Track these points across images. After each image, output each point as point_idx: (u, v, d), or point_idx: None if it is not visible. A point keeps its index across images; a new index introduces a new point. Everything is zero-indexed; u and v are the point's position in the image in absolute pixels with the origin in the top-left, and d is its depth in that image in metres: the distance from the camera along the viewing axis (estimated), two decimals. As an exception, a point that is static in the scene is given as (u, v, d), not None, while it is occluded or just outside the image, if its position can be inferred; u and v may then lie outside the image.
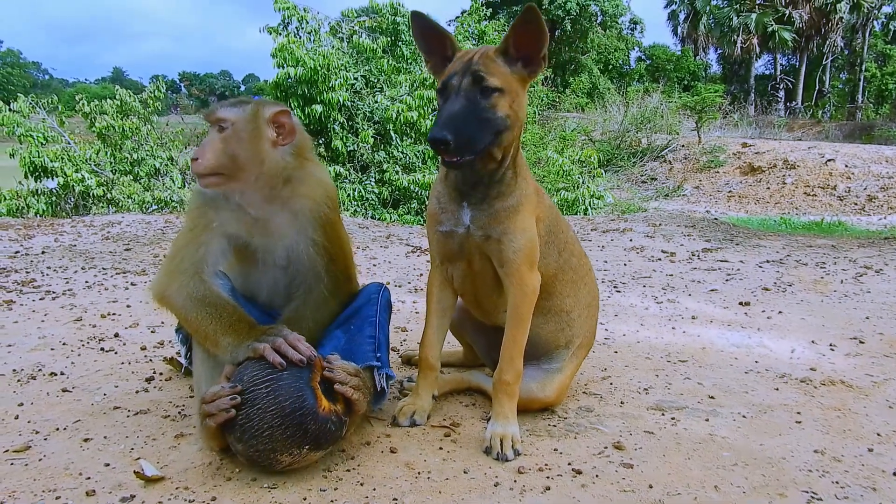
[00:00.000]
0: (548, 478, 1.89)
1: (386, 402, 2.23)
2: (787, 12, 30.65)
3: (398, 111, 9.46)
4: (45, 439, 2.07)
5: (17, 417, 2.22)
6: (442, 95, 1.95)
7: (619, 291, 4.23)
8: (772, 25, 30.64)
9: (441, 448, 2.06)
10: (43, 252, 5.26)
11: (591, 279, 2.42)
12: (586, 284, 2.36)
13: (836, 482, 1.89)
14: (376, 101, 9.95)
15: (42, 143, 10.47)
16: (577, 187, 10.33)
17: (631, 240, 6.30)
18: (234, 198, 2.08)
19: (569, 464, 1.96)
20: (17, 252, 5.26)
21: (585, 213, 9.63)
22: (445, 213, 2.14)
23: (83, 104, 11.07)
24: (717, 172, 16.20)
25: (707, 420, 2.30)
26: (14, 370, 2.66)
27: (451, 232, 2.14)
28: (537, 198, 2.16)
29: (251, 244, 2.12)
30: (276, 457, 1.78)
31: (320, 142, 9.89)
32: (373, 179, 9.74)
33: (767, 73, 39.23)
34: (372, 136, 9.65)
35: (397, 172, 9.46)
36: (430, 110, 9.77)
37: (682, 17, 35.82)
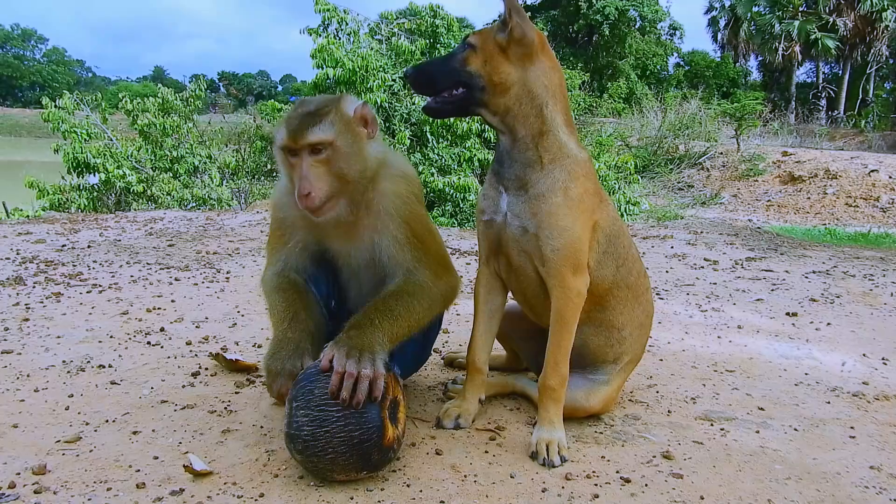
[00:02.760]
0: (596, 485, 1.86)
1: None
2: (831, 20, 30.03)
3: (436, 113, 9.45)
4: (96, 431, 2.10)
5: (67, 409, 2.26)
6: None
7: (661, 299, 4.17)
8: (815, 33, 30.05)
9: (486, 451, 2.05)
10: (89, 246, 5.36)
11: (648, 299, 2.36)
12: (641, 304, 2.30)
13: (894, 500, 1.84)
14: (413, 103, 9.96)
15: (85, 140, 10.67)
16: (613, 193, 10.23)
17: (672, 247, 6.22)
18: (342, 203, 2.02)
19: (617, 472, 1.94)
20: (63, 246, 5.36)
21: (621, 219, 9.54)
22: (487, 199, 2.16)
23: (126, 102, 11.26)
24: (756, 181, 15.92)
25: (758, 432, 2.25)
26: (63, 361, 2.70)
27: (490, 221, 2.13)
28: (598, 202, 2.12)
29: (329, 251, 2.12)
30: (332, 475, 1.78)
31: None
32: (409, 181, 9.77)
33: (809, 81, 38.52)
34: (408, 138, 9.66)
35: (433, 174, 9.43)
36: (467, 113, 9.74)
37: (722, 23, 35.33)
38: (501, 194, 2.10)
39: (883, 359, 3.08)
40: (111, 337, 3.06)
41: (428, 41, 10.98)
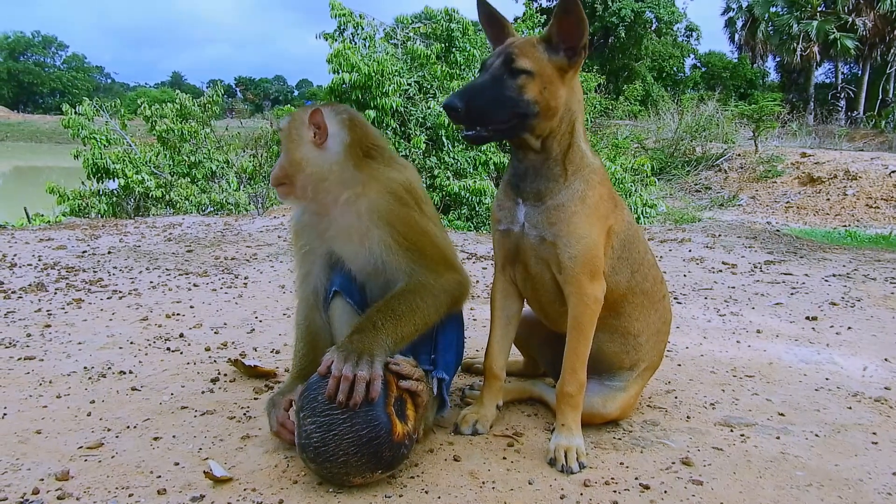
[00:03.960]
0: (615, 492, 1.85)
1: (448, 411, 2.20)
2: (850, 20, 29.74)
3: (451, 117, 9.46)
4: (117, 437, 2.12)
5: (89, 414, 2.28)
6: (479, 74, 2.02)
7: (679, 303, 4.15)
8: (834, 33, 29.75)
9: (504, 458, 2.04)
10: (109, 252, 5.41)
11: (665, 306, 2.34)
12: (657, 311, 2.29)
13: (919, 508, 1.82)
14: (429, 107, 9.97)
15: (105, 145, 10.79)
16: (630, 195, 10.20)
17: (690, 250, 6.18)
18: (306, 209, 2.15)
19: (636, 478, 1.93)
20: (84, 252, 5.42)
21: (638, 222, 9.50)
22: (503, 209, 2.15)
23: (144, 107, 11.38)
24: (775, 182, 15.80)
25: (778, 438, 2.23)
26: (85, 367, 2.73)
27: (507, 231, 2.13)
28: (612, 208, 2.12)
29: (334, 254, 2.14)
30: (348, 479, 1.79)
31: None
32: (424, 185, 9.79)
33: (828, 81, 38.20)
34: (424, 142, 9.67)
35: (448, 178, 9.44)
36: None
37: (739, 24, 35.08)
38: (518, 205, 2.10)
39: (905, 363, 3.05)
40: (131, 343, 3.09)
41: (443, 45, 11.00)
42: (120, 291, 4.07)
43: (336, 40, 10.42)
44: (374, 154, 2.12)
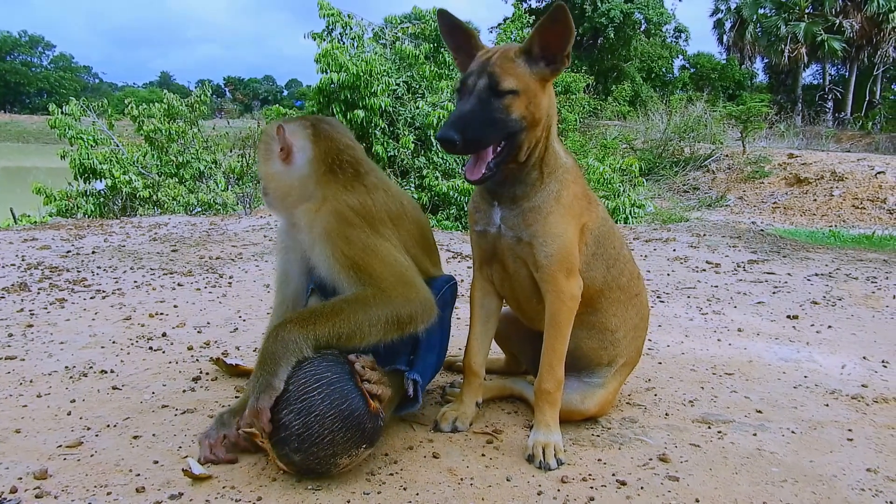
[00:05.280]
0: (592, 488, 1.87)
1: (418, 409, 2.17)
2: (838, 21, 29.93)
3: (439, 117, 9.46)
4: (97, 435, 2.12)
5: (69, 413, 2.28)
6: (459, 94, 1.97)
7: (662, 302, 4.18)
8: (821, 35, 29.94)
9: (483, 455, 2.06)
10: (93, 252, 5.39)
11: (643, 301, 2.36)
12: (635, 306, 2.31)
13: (890, 502, 1.84)
14: (418, 107, 9.98)
15: (92, 146, 10.73)
16: (618, 196, 10.23)
17: (674, 250, 6.21)
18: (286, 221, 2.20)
19: (613, 475, 1.94)
20: (68, 252, 5.39)
21: (626, 222, 9.53)
22: (479, 212, 2.16)
23: (132, 107, 11.33)
24: (762, 183, 15.88)
25: (755, 434, 2.25)
26: (66, 367, 2.73)
27: (484, 232, 2.15)
28: (585, 205, 2.14)
29: (308, 263, 2.13)
30: (335, 461, 1.80)
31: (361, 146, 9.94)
32: (412, 185, 9.77)
33: (815, 83, 38.41)
34: (412, 142, 9.68)
35: (437, 178, 9.45)
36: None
37: (727, 25, 35.23)
38: (494, 207, 2.11)
39: (883, 361, 3.08)
40: (114, 342, 3.09)
41: (432, 45, 11.01)
42: (103, 291, 4.06)
43: (324, 40, 10.40)
44: (338, 169, 2.09)
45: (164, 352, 2.99)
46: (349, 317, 1.88)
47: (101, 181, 10.43)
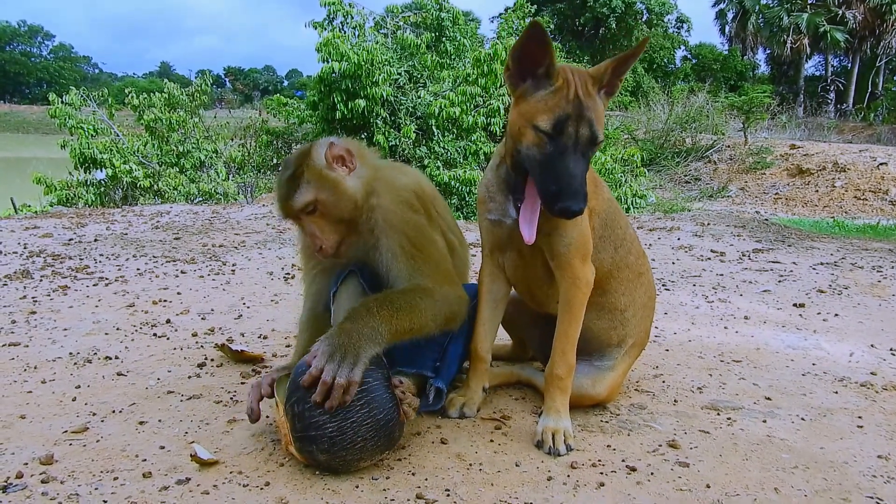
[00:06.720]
0: (601, 474, 1.85)
1: (433, 409, 2.19)
2: (841, 12, 29.85)
3: (441, 107, 9.43)
4: (102, 421, 2.10)
5: (74, 399, 2.27)
6: (554, 142, 1.81)
7: (668, 290, 4.16)
8: (824, 26, 29.87)
9: (492, 441, 2.04)
10: (95, 240, 5.37)
11: (649, 280, 2.36)
12: (643, 284, 2.31)
13: (903, 489, 1.83)
14: (419, 97, 9.95)
15: (92, 135, 10.70)
16: (620, 186, 10.21)
17: (679, 238, 6.20)
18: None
19: (623, 461, 1.93)
20: (70, 240, 5.38)
21: (628, 212, 9.52)
22: (493, 201, 2.14)
23: (132, 97, 11.29)
24: (764, 174, 15.86)
25: (764, 421, 2.24)
26: (70, 353, 2.71)
27: (499, 221, 2.13)
28: (593, 189, 2.11)
29: (363, 263, 2.12)
30: (358, 464, 1.79)
31: (363, 136, 9.91)
32: (415, 175, 9.76)
33: (818, 74, 38.30)
34: (414, 132, 9.65)
35: (438, 168, 9.42)
36: (471, 106, 9.72)
37: (730, 16, 35.19)
38: (510, 201, 2.07)
39: (891, 349, 3.07)
40: (117, 329, 3.07)
41: (434, 34, 10.96)
42: (106, 278, 4.04)
43: (325, 29, 10.36)
44: (372, 161, 2.15)
45: (168, 338, 2.97)
46: (407, 314, 1.86)
47: (101, 171, 10.41)
